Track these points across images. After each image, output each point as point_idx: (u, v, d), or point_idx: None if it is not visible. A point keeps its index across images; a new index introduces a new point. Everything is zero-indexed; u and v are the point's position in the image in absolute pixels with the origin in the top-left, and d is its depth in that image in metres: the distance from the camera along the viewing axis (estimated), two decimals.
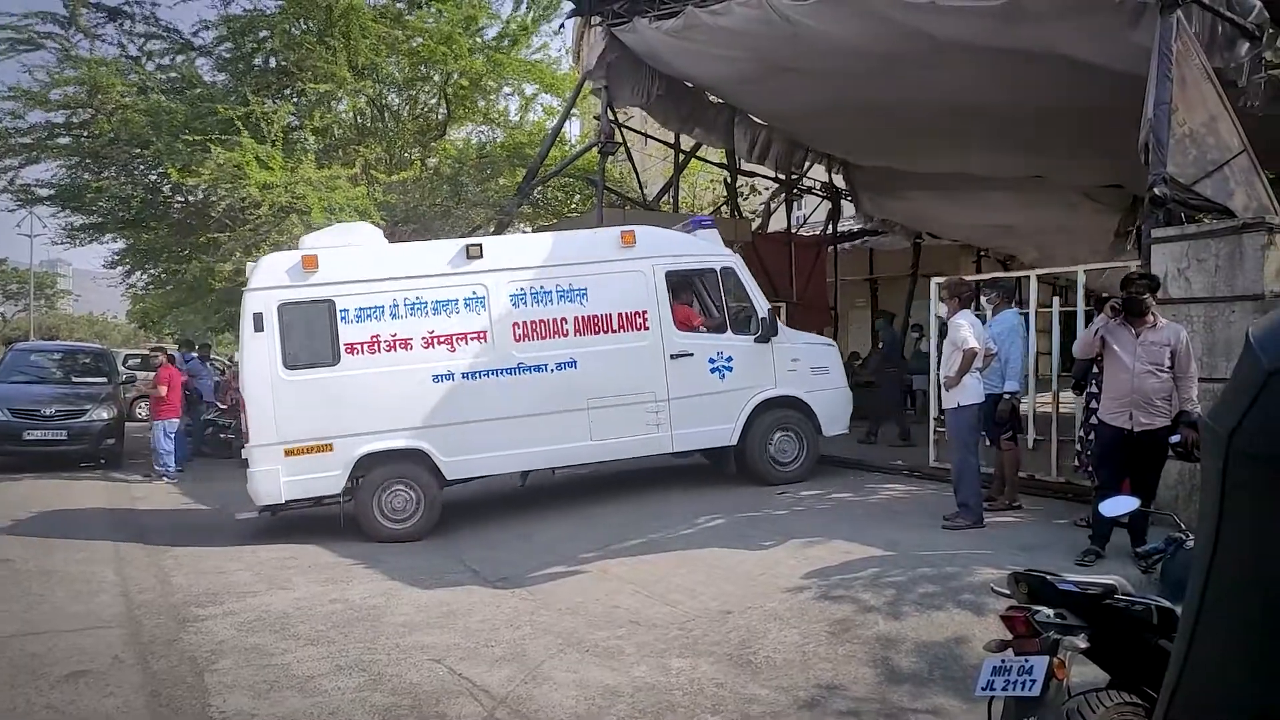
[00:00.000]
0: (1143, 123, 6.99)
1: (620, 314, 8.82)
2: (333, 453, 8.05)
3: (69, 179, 15.68)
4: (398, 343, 8.26)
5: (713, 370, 9.02)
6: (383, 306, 8.26)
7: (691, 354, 8.95)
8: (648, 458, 9.31)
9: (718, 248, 9.49)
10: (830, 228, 17.69)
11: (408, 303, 8.32)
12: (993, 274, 12.97)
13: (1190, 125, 6.94)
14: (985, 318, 7.89)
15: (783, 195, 17.22)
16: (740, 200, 17.96)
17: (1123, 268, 7.76)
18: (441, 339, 8.37)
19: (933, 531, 6.89)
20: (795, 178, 16.71)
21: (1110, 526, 5.71)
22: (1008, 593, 3.15)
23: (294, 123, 15.29)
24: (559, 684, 4.68)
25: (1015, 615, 2.96)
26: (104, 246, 17.76)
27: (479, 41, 16.45)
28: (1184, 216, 6.89)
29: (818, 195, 17.80)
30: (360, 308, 8.22)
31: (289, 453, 7.98)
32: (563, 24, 16.75)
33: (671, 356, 8.87)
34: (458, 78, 16.41)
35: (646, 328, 8.87)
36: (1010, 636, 2.97)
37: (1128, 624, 2.89)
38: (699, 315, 9.42)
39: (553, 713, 4.38)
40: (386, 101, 17.21)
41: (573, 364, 8.61)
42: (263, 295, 8.12)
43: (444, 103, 17.33)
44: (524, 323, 8.58)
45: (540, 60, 17.16)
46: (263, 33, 15.33)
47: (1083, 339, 6.33)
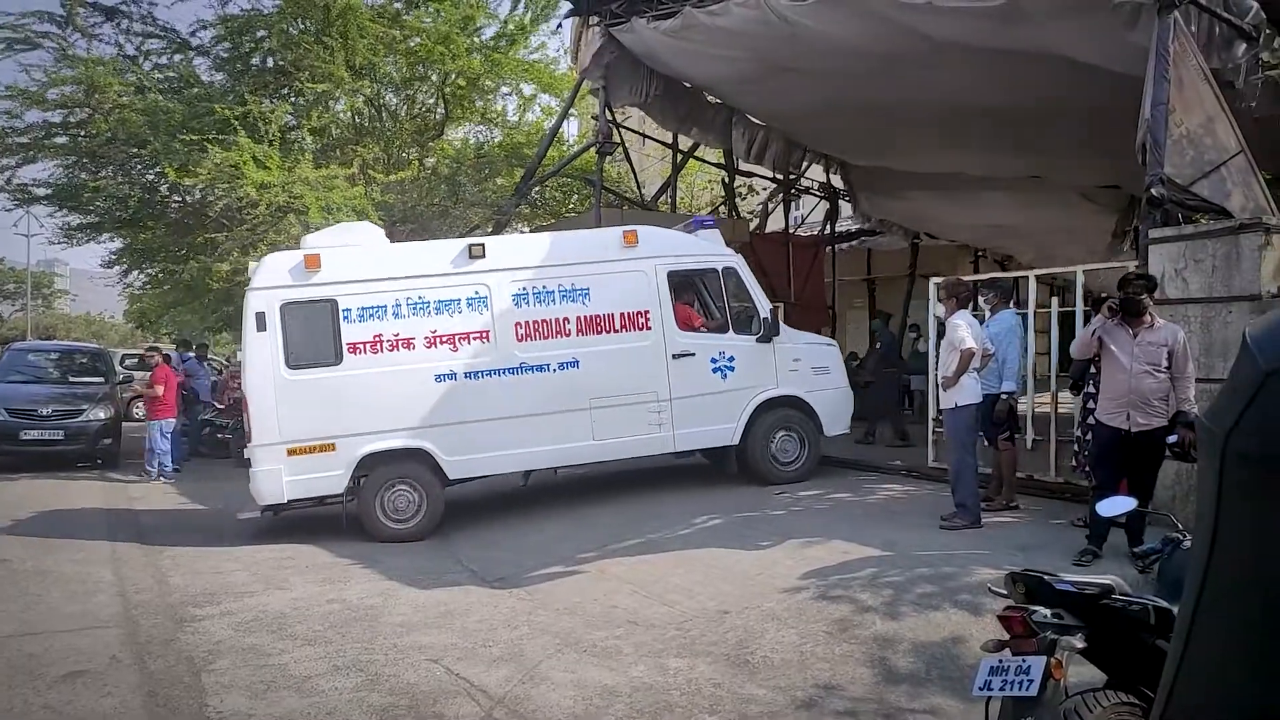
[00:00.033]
0: (1140, 123, 7.01)
1: (622, 314, 8.82)
2: (335, 452, 8.05)
3: (66, 178, 15.65)
4: (400, 342, 8.26)
5: (714, 370, 9.02)
6: (385, 306, 8.26)
7: (693, 354, 8.95)
8: (645, 458, 9.31)
9: (719, 248, 9.50)
10: (828, 228, 17.67)
11: (410, 302, 8.32)
12: (990, 274, 12.96)
13: (1187, 126, 6.95)
14: (983, 318, 7.89)
15: (780, 195, 17.21)
16: (738, 200, 17.97)
17: (1120, 268, 7.77)
18: (444, 339, 8.37)
19: (930, 532, 6.90)
20: (793, 178, 16.71)
21: (1107, 526, 5.71)
22: (1005, 593, 3.15)
23: (291, 122, 15.27)
24: (556, 684, 4.68)
25: (1012, 615, 2.96)
26: (101, 246, 17.74)
27: (477, 41, 16.45)
28: (1181, 217, 6.89)
29: (815, 195, 17.79)
30: (363, 307, 8.21)
31: (291, 452, 7.97)
32: (560, 24, 16.72)
33: (673, 356, 8.88)
34: (455, 78, 16.41)
35: (649, 327, 8.88)
36: (1007, 636, 2.97)
37: (1125, 624, 2.90)
38: (699, 316, 9.42)
39: (550, 713, 4.38)
40: (384, 101, 17.20)
41: (575, 364, 8.62)
42: (265, 295, 8.12)
43: (442, 102, 17.33)
44: (526, 322, 8.58)
45: (538, 60, 17.17)
46: (260, 32, 15.33)
47: (1080, 339, 6.34)
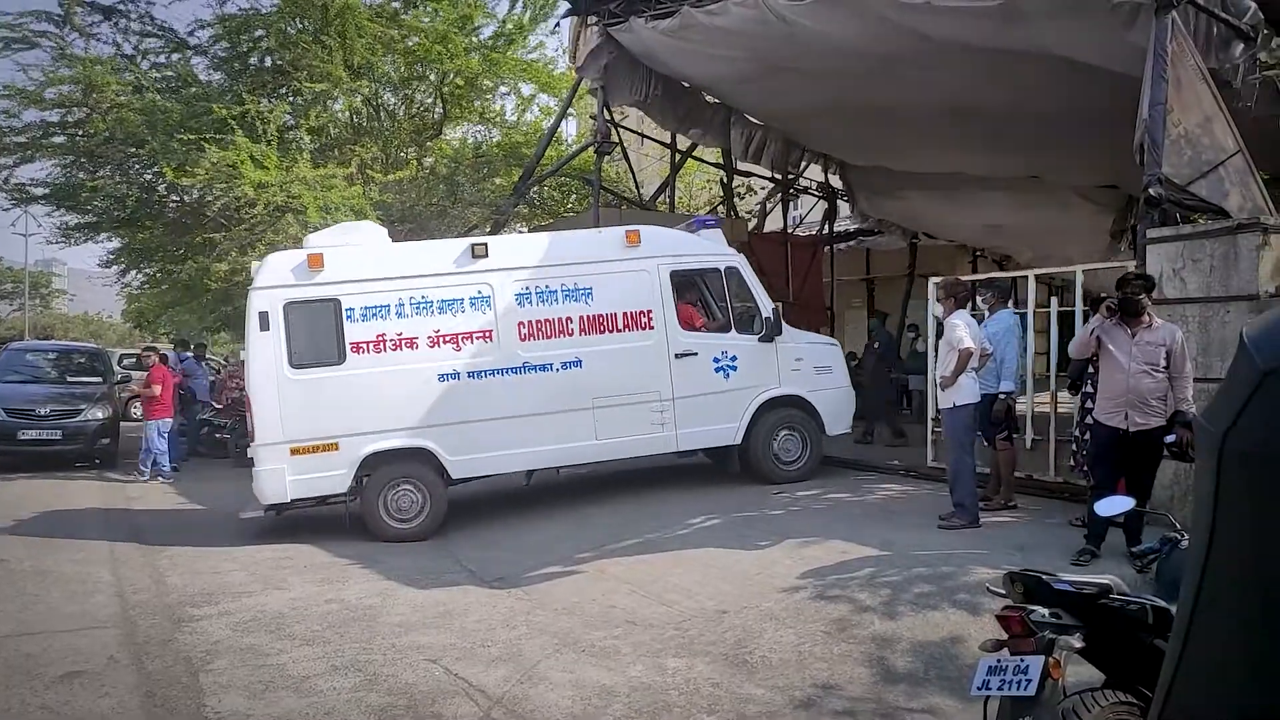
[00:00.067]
0: (1138, 123, 7.01)
1: (625, 313, 8.82)
2: (338, 452, 8.04)
3: (64, 178, 15.63)
4: (403, 342, 8.25)
5: (717, 370, 9.03)
6: (388, 305, 8.25)
7: (696, 353, 8.96)
8: (644, 457, 9.31)
9: (722, 247, 9.50)
10: (826, 228, 17.67)
11: (413, 302, 8.31)
12: (989, 274, 12.97)
13: (1185, 126, 6.95)
14: (982, 318, 7.90)
15: (779, 195, 17.21)
16: (736, 200, 17.97)
17: (1120, 268, 7.78)
18: (447, 338, 8.37)
19: (929, 531, 6.90)
20: (791, 177, 16.71)
21: (1105, 526, 5.70)
22: (1003, 592, 3.15)
23: (289, 122, 15.25)
24: (555, 684, 4.68)
25: (1011, 615, 2.97)
26: (99, 246, 17.70)
27: (475, 41, 16.45)
28: (1179, 217, 6.90)
29: (814, 195, 17.79)
30: (366, 307, 8.21)
31: (295, 451, 7.96)
32: (558, 23, 16.72)
33: (676, 356, 8.88)
34: (453, 77, 16.41)
35: (651, 327, 8.88)
36: (1006, 636, 2.98)
37: (1123, 623, 2.90)
38: (701, 315, 9.42)
39: (549, 713, 4.38)
40: (382, 101, 17.19)
41: (578, 363, 8.61)
42: (268, 294, 8.11)
43: (440, 102, 17.32)
44: (529, 322, 8.58)
45: (536, 60, 17.17)
46: (258, 32, 15.31)
47: (1078, 339, 6.36)
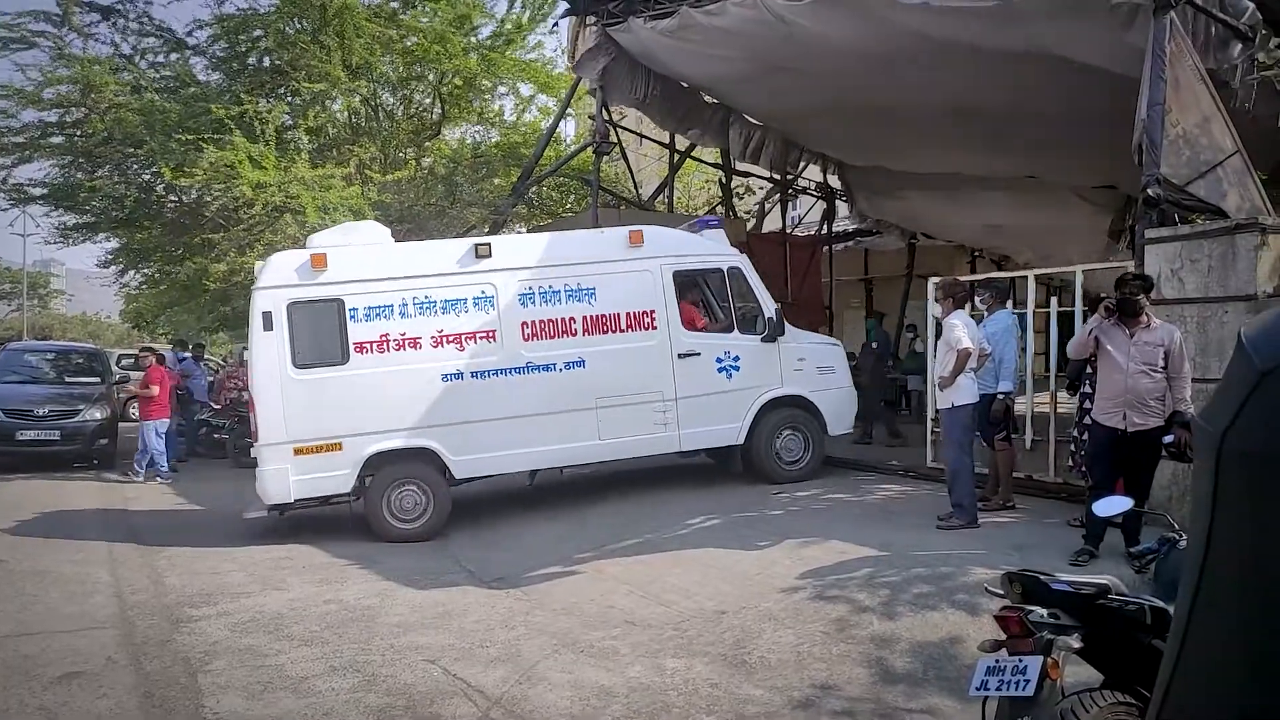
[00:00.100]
0: (1136, 124, 7.01)
1: (628, 313, 8.83)
2: (342, 452, 8.04)
3: (62, 178, 15.63)
4: (407, 342, 8.26)
5: (720, 370, 9.04)
6: (392, 305, 8.26)
7: (699, 353, 8.97)
8: (644, 457, 9.31)
9: (725, 248, 9.51)
10: (825, 228, 17.67)
11: (416, 302, 8.32)
12: (987, 274, 12.98)
13: (1184, 126, 6.96)
14: (980, 318, 7.90)
15: (778, 195, 17.21)
16: (735, 200, 17.97)
17: (1119, 268, 7.78)
18: (450, 338, 8.37)
19: (928, 532, 6.90)
20: (790, 178, 16.71)
21: (1104, 526, 5.71)
22: (1002, 593, 3.15)
23: (288, 122, 15.26)
24: (554, 684, 4.68)
25: (1009, 615, 2.97)
26: (97, 246, 17.79)
27: (473, 41, 16.45)
28: (1177, 217, 6.90)
29: (813, 195, 17.78)
30: (369, 307, 8.21)
31: (298, 451, 7.96)
32: (557, 24, 16.72)
33: (679, 356, 8.89)
34: (452, 77, 16.41)
35: (654, 327, 8.88)
36: (1004, 636, 2.98)
37: (1121, 624, 2.90)
38: (703, 316, 9.42)
39: (547, 713, 4.37)
40: (381, 101, 17.19)
41: (581, 363, 8.62)
42: (272, 294, 8.10)
43: (438, 102, 17.32)
44: (532, 322, 8.59)
45: (535, 60, 17.18)
46: (257, 32, 15.31)
47: (1076, 339, 6.36)
